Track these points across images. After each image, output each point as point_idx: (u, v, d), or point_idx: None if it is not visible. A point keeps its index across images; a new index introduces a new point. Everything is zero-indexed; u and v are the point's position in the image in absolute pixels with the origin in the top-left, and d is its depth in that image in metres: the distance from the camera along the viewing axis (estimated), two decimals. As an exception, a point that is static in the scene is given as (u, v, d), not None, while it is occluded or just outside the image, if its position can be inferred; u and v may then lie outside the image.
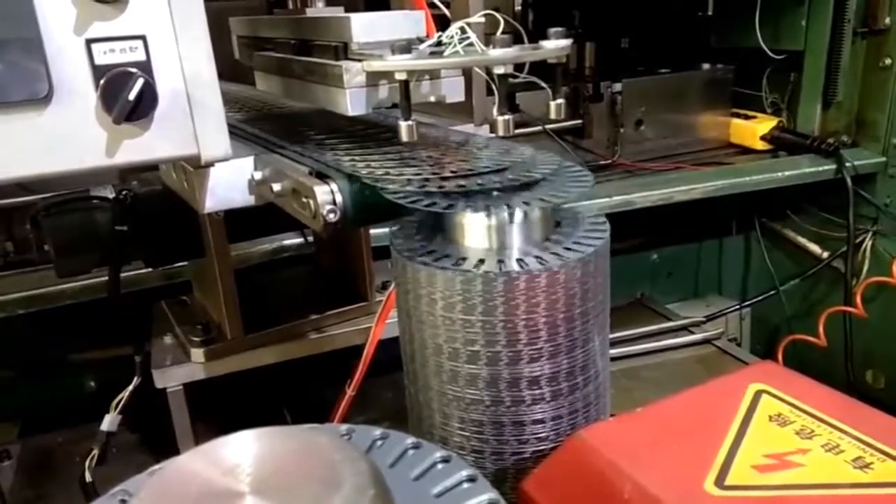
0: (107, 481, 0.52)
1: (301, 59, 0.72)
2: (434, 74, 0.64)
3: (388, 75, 0.61)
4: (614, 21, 1.65)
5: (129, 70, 0.51)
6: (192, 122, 0.55)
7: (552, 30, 0.59)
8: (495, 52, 0.56)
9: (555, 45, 0.58)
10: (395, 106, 0.63)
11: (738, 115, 1.57)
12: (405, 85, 0.58)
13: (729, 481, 0.51)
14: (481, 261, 0.57)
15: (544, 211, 0.59)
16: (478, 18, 0.64)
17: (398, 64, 0.57)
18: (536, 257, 0.58)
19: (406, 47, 0.57)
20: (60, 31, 0.50)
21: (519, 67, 0.59)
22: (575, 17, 1.58)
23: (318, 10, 0.77)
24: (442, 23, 0.76)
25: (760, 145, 1.52)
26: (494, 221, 0.58)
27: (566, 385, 0.60)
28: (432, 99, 0.65)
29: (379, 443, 0.46)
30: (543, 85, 0.62)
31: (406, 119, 0.59)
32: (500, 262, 0.57)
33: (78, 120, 0.51)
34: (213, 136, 0.56)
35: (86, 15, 0.50)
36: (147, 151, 0.54)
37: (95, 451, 0.93)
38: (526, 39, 0.62)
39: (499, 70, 0.57)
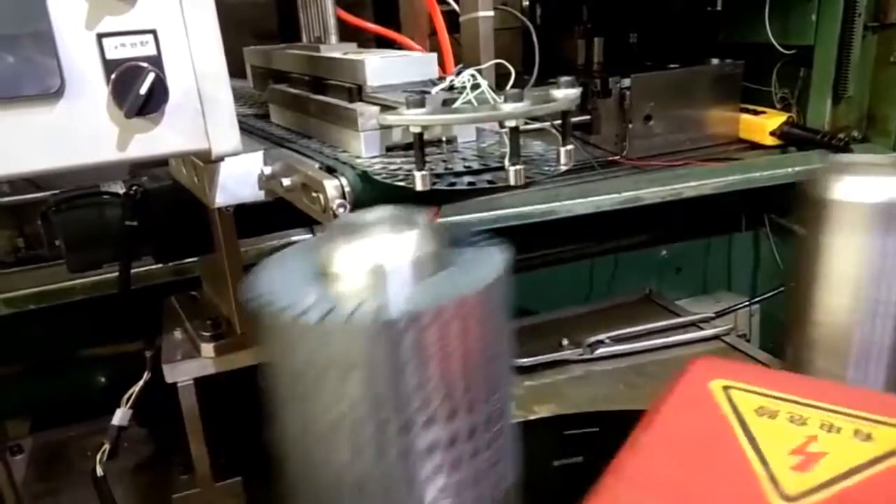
0: (118, 475, 0.52)
1: (315, 97, 0.72)
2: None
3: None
4: (622, 16, 1.64)
5: (140, 64, 0.51)
6: (202, 116, 0.55)
7: (562, 79, 0.58)
8: (507, 107, 0.56)
9: (565, 96, 0.58)
10: (409, 146, 0.63)
11: (747, 111, 1.56)
12: (420, 136, 0.57)
13: (789, 491, 0.50)
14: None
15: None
16: (488, 65, 0.68)
17: (413, 119, 0.57)
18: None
19: (420, 101, 0.57)
20: (72, 26, 0.50)
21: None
22: (583, 11, 1.58)
23: (331, 46, 0.76)
24: (451, 19, 0.76)
25: (770, 141, 1.52)
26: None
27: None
28: (444, 138, 0.66)
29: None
30: (555, 132, 0.62)
31: (420, 169, 0.57)
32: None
33: (89, 114, 0.52)
34: (223, 131, 0.56)
35: (97, 9, 0.50)
36: (158, 146, 0.55)
37: (106, 446, 0.93)
38: (535, 39, 0.62)
39: (510, 124, 0.56)
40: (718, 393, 0.60)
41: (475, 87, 0.61)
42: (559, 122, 0.60)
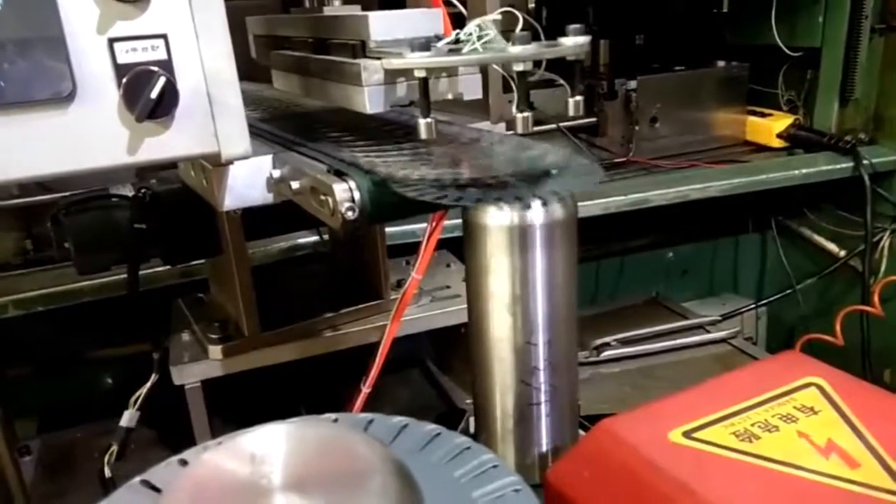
0: (126, 477, 0.52)
1: (319, 57, 0.72)
2: (452, 72, 0.64)
3: (406, 73, 0.61)
4: (629, 18, 1.64)
5: (151, 69, 0.52)
6: (212, 120, 0.55)
7: (571, 26, 0.58)
8: (515, 50, 0.56)
9: (574, 42, 0.58)
10: (412, 104, 0.63)
11: (753, 113, 1.56)
12: (424, 82, 0.57)
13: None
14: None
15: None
16: (495, 16, 0.64)
17: (418, 62, 0.57)
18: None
19: (425, 45, 0.57)
20: (83, 31, 0.50)
21: (537, 63, 0.59)
22: (589, 14, 1.57)
23: (335, 8, 0.76)
24: (458, 21, 0.76)
25: (777, 143, 1.52)
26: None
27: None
28: (450, 96, 0.64)
29: (400, 432, 0.46)
30: (562, 82, 0.62)
31: (425, 117, 0.58)
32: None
33: (101, 118, 0.52)
34: (233, 134, 0.56)
35: (108, 14, 0.51)
36: (168, 149, 0.55)
37: (114, 447, 0.94)
38: (543, 37, 0.62)
39: (518, 67, 0.56)
40: (685, 441, 0.60)
41: (482, 38, 0.59)
42: (567, 123, 0.60)
